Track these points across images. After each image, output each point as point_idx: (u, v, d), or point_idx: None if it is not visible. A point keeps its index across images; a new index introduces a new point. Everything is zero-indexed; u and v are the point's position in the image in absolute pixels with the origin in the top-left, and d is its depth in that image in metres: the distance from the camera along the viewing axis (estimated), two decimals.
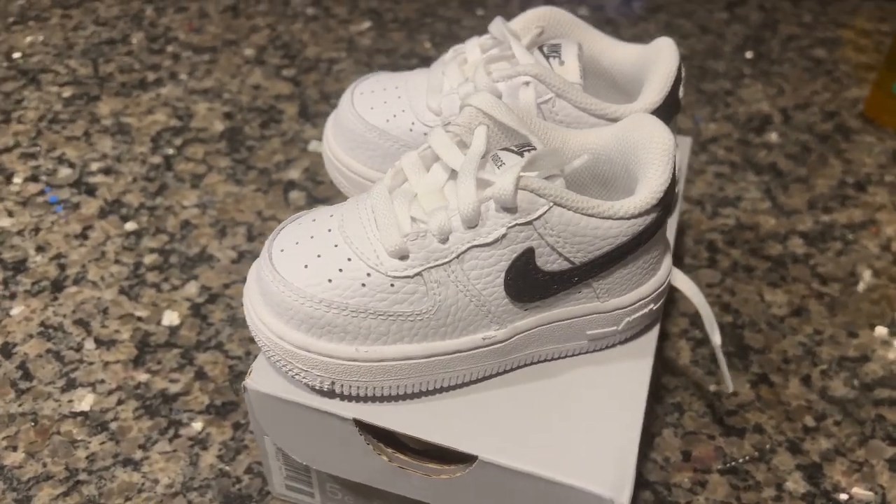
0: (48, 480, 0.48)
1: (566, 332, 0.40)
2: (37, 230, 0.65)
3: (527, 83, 0.42)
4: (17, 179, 0.69)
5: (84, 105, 0.78)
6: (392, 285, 0.36)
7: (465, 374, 0.39)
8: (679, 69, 0.44)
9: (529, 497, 0.38)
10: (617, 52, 0.47)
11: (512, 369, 0.41)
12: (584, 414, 0.39)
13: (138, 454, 0.50)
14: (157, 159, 0.72)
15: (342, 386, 0.38)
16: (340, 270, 0.37)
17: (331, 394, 0.39)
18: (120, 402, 0.53)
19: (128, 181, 0.69)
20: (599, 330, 0.40)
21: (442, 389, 0.40)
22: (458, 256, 0.36)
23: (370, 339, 0.37)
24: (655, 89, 0.43)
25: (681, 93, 0.44)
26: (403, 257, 0.36)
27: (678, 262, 0.64)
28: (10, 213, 0.66)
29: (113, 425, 0.51)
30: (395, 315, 0.37)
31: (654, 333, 0.43)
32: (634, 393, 0.40)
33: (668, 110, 0.43)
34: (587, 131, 0.40)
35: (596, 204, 0.36)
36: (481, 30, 0.91)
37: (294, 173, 0.70)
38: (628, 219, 0.37)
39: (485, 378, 0.40)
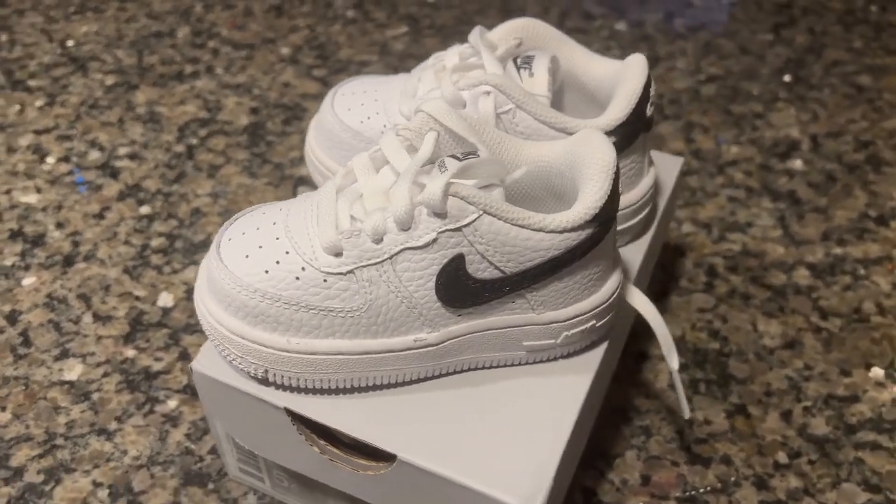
0: (28, 441, 0.51)
1: (501, 341, 0.40)
2: (59, 208, 0.69)
3: (487, 93, 0.42)
4: (50, 159, 0.74)
5: (123, 93, 0.82)
6: (325, 281, 0.37)
7: (397, 374, 0.40)
8: (647, 88, 0.43)
9: (445, 500, 0.38)
10: (595, 67, 0.47)
11: (448, 374, 0.41)
12: (513, 424, 0.39)
13: (113, 425, 0.52)
14: (180, 148, 0.75)
15: (275, 375, 0.39)
16: (277, 263, 0.38)
17: (265, 382, 0.40)
18: (105, 375, 0.55)
19: (150, 167, 0.73)
20: (536, 342, 0.40)
21: (374, 387, 0.40)
22: (391, 258, 0.37)
23: (302, 331, 0.38)
24: (619, 107, 0.42)
25: (649, 111, 0.44)
26: (338, 254, 0.37)
27: (674, 283, 0.63)
28: (39, 190, 0.70)
29: (95, 396, 0.54)
30: (327, 310, 0.38)
31: (600, 350, 0.42)
32: (567, 408, 0.40)
33: (632, 128, 0.43)
34: (541, 144, 0.40)
35: (527, 215, 0.36)
36: None
37: (306, 170, 0.72)
38: (560, 232, 0.36)
39: (419, 380, 0.41)
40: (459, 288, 0.37)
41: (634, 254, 0.48)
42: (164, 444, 0.51)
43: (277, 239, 0.38)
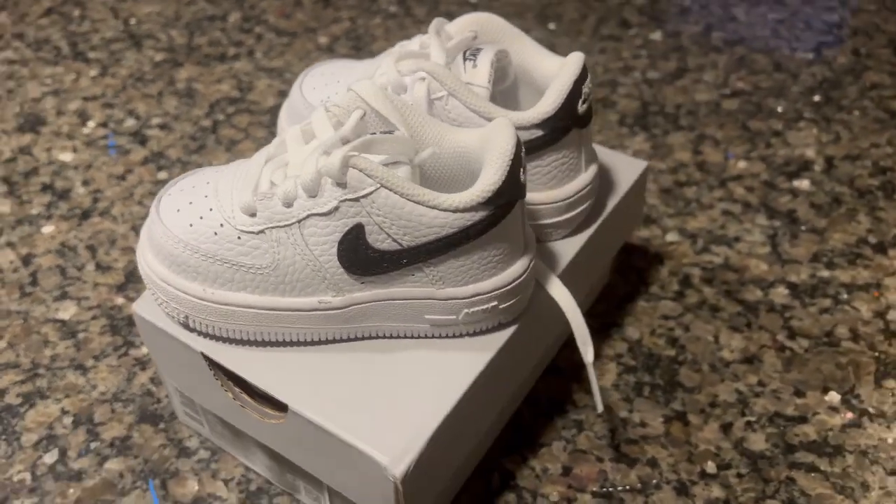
0: (15, 368, 0.57)
1: (404, 312, 0.42)
2: (89, 167, 0.75)
3: (423, 79, 0.45)
4: (91, 123, 0.80)
5: (168, 69, 0.88)
6: (239, 238, 0.41)
7: (304, 333, 0.43)
8: (578, 85, 0.44)
9: (329, 452, 0.40)
10: (545, 64, 0.48)
11: (356, 339, 0.44)
12: (404, 391, 0.41)
13: (90, 363, 0.58)
14: (207, 122, 0.80)
15: (194, 321, 0.43)
16: (201, 218, 0.41)
17: (187, 327, 0.44)
18: (94, 318, 0.61)
19: (176, 137, 0.78)
20: (438, 316, 0.42)
21: (284, 343, 0.43)
22: (298, 222, 0.40)
23: (217, 283, 0.41)
24: (547, 101, 0.44)
25: (581, 108, 0.45)
26: (252, 214, 0.40)
27: (644, 288, 0.63)
28: (75, 150, 0.77)
29: (81, 335, 0.60)
30: (239, 265, 0.41)
31: (506, 333, 0.44)
32: (457, 383, 0.41)
33: (561, 123, 0.44)
34: (463, 130, 0.42)
35: (422, 192, 0.38)
36: (547, 42, 0.93)
37: None
38: (453, 211, 0.38)
39: (327, 342, 0.43)
40: (360, 256, 0.40)
41: (569, 248, 0.49)
42: (130, 384, 0.56)
43: (206, 197, 0.42)
